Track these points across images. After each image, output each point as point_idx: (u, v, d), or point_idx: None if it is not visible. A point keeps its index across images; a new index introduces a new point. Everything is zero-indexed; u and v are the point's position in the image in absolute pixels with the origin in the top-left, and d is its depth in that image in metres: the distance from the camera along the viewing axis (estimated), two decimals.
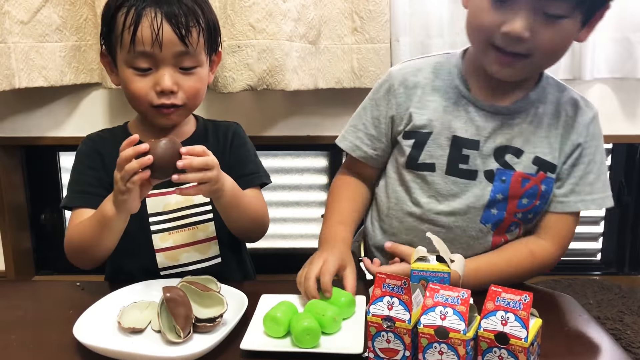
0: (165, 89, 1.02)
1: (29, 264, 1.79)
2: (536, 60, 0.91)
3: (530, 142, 0.98)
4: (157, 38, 1.00)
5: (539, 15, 0.86)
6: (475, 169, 0.99)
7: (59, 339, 0.85)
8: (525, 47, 0.88)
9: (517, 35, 0.86)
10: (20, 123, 1.59)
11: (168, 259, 1.11)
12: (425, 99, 1.02)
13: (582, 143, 0.98)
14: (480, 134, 0.98)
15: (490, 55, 0.92)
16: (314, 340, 0.81)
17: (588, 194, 0.99)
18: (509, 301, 0.71)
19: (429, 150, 1.00)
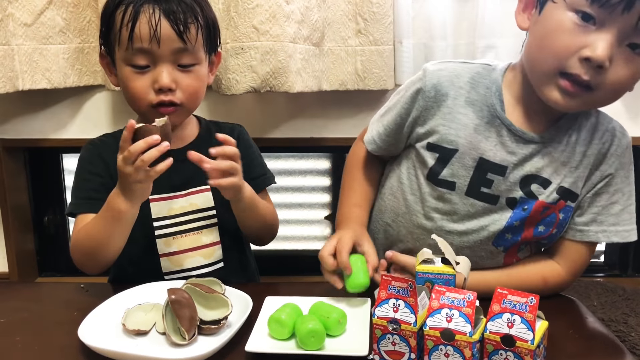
0: (164, 86, 1.02)
1: (32, 266, 1.79)
2: (599, 96, 0.85)
3: (559, 173, 0.94)
4: (155, 34, 1.00)
5: (623, 45, 0.80)
6: (498, 194, 0.95)
7: (64, 341, 0.85)
8: (599, 79, 0.82)
9: (599, 61, 0.79)
10: (23, 125, 1.59)
11: (172, 264, 1.10)
12: (456, 111, 0.95)
13: (612, 173, 0.94)
14: (509, 160, 0.93)
15: (555, 83, 0.85)
16: (319, 343, 0.80)
17: (612, 224, 0.95)
18: (515, 303, 0.71)
19: (451, 168, 0.95)
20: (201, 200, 1.13)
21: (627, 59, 0.81)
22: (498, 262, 1.00)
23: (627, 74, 0.82)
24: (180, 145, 1.13)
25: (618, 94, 0.87)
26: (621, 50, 0.80)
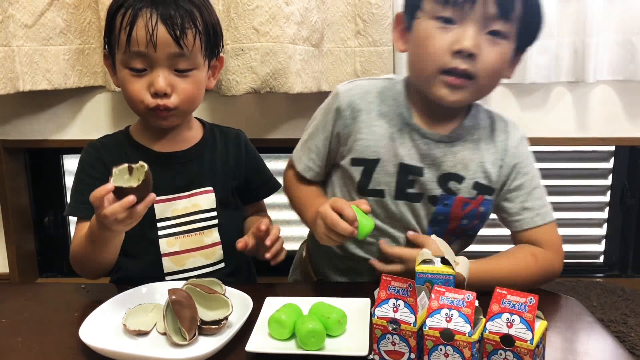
0: (159, 90, 1.03)
1: (32, 267, 1.79)
2: (480, 83, 0.95)
3: (469, 169, 1.03)
4: (152, 38, 1.00)
5: (484, 34, 0.92)
6: (421, 192, 1.03)
7: (65, 341, 0.85)
8: (475, 66, 0.92)
9: (468, 50, 0.90)
10: (24, 126, 1.59)
11: (174, 264, 1.11)
12: (371, 124, 1.03)
13: (517, 163, 1.04)
14: (424, 161, 1.02)
15: (439, 81, 0.95)
16: (319, 343, 0.81)
17: (541, 207, 1.04)
18: (514, 303, 0.71)
19: (377, 177, 1.03)
20: (204, 201, 1.13)
21: (492, 44, 0.92)
22: None
23: (495, 57, 0.93)
24: (183, 147, 1.14)
25: (495, 79, 0.98)
26: (485, 38, 0.92)
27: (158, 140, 1.13)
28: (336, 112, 1.06)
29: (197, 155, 1.15)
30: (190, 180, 1.13)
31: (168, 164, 1.12)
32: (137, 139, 1.14)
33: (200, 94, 1.11)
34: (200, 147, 1.15)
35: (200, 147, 1.15)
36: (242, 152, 1.21)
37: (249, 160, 1.22)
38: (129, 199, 0.85)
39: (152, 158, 1.11)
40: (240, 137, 1.23)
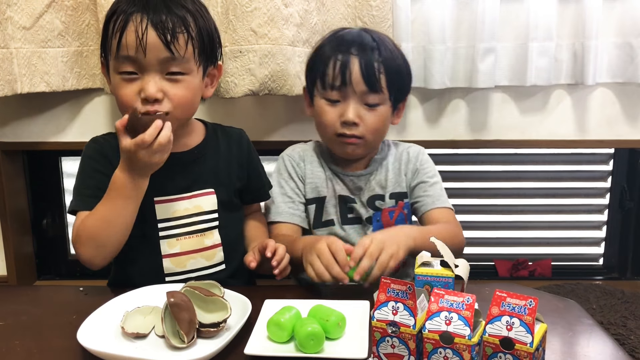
0: (149, 96, 1.01)
1: (30, 269, 1.79)
2: (368, 140, 1.20)
3: (386, 186, 1.27)
4: (141, 43, 1.00)
5: (362, 106, 1.17)
6: (360, 216, 1.26)
7: (63, 344, 0.85)
8: (359, 131, 1.17)
9: (351, 121, 1.16)
10: (22, 128, 1.59)
11: (175, 265, 1.11)
12: (315, 173, 1.27)
13: (417, 168, 1.28)
14: (353, 192, 1.27)
15: (338, 142, 1.21)
16: (318, 346, 0.80)
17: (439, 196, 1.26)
18: (514, 306, 0.71)
19: (326, 210, 1.26)
20: (205, 202, 1.13)
21: (370, 111, 1.18)
22: None
23: (375, 120, 1.19)
24: (185, 148, 1.14)
25: (381, 133, 1.23)
26: (363, 108, 1.18)
27: None
28: (292, 167, 1.28)
29: (198, 157, 1.15)
30: (191, 182, 1.13)
31: (169, 166, 1.11)
32: None
33: (194, 100, 1.09)
34: (201, 149, 1.15)
35: (202, 149, 1.15)
36: (245, 153, 1.21)
37: (251, 161, 1.22)
38: (157, 123, 0.97)
39: None
40: (243, 138, 1.23)
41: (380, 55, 1.17)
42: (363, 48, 1.17)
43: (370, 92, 1.16)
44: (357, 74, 1.15)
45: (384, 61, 1.16)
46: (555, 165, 1.81)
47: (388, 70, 1.17)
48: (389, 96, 1.18)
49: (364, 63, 1.15)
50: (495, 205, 1.85)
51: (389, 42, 1.22)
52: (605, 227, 1.85)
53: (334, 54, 1.17)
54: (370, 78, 1.15)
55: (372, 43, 1.18)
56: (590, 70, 1.48)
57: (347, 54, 1.16)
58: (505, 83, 1.56)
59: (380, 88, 1.16)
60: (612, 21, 1.52)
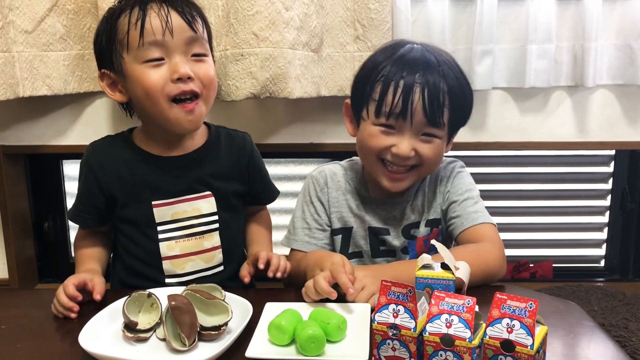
0: (183, 75, 1.03)
1: (32, 272, 1.79)
2: (424, 169, 1.10)
3: (421, 213, 1.17)
4: (168, 25, 1.02)
5: (419, 137, 1.06)
6: (394, 248, 1.17)
7: (64, 348, 0.85)
8: (414, 161, 1.07)
9: (406, 155, 1.05)
10: (24, 131, 1.59)
11: (174, 267, 1.11)
12: (341, 199, 1.19)
13: (450, 190, 1.16)
14: (387, 222, 1.16)
15: (380, 169, 1.10)
16: (319, 349, 0.80)
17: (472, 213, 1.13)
18: (514, 309, 0.71)
19: (354, 242, 1.18)
20: (204, 205, 1.14)
21: (426, 142, 1.07)
22: None
23: (431, 152, 1.07)
24: (185, 151, 1.14)
25: (436, 164, 1.13)
26: (419, 139, 1.06)
27: (160, 145, 1.13)
28: (317, 191, 1.19)
29: (198, 160, 1.15)
30: (190, 185, 1.13)
31: (166, 168, 1.12)
32: (138, 142, 1.14)
33: (216, 79, 1.12)
34: (201, 152, 1.15)
35: (202, 152, 1.15)
36: (247, 156, 1.21)
37: (254, 165, 1.22)
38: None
39: (151, 161, 1.12)
40: (247, 141, 1.23)
41: (447, 84, 1.05)
42: (429, 74, 1.03)
43: (430, 126, 1.05)
44: (419, 106, 1.03)
45: (451, 93, 1.05)
46: (556, 167, 1.81)
47: (453, 104, 1.06)
48: (448, 130, 1.09)
49: (428, 94, 1.03)
50: (496, 207, 1.85)
51: (455, 67, 1.09)
52: (607, 229, 1.84)
53: (395, 78, 1.04)
54: (434, 112, 1.03)
55: (439, 68, 1.05)
56: (590, 72, 1.49)
57: (412, 81, 1.03)
58: (504, 85, 1.56)
59: (442, 123, 1.05)
60: (612, 23, 1.53)
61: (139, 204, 1.11)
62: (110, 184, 1.11)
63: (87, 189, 1.12)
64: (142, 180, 1.11)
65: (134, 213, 1.11)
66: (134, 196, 1.11)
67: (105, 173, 1.11)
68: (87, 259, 1.13)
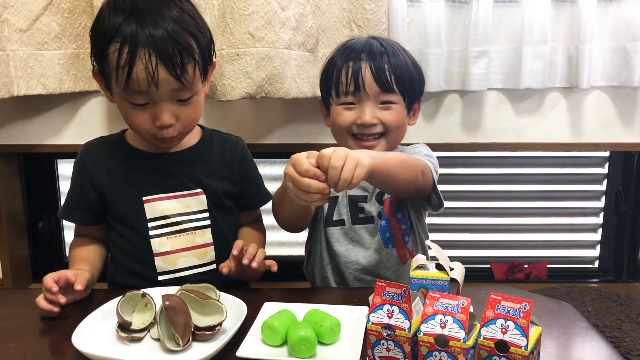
0: (164, 124, 1.04)
1: (26, 272, 1.78)
2: (391, 136, 1.22)
3: None
4: (153, 80, 0.99)
5: (378, 107, 1.20)
6: (371, 215, 1.24)
7: (58, 348, 0.85)
8: (380, 128, 1.20)
9: (370, 123, 1.19)
10: (18, 131, 1.59)
11: (166, 263, 1.12)
12: None
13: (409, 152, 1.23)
14: (366, 190, 1.25)
15: (352, 144, 1.22)
16: (310, 350, 0.80)
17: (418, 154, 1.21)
18: (508, 309, 0.71)
19: (338, 210, 1.25)
20: (194, 202, 1.15)
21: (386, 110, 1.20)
22: (395, 257, 1.22)
23: (393, 117, 1.21)
24: (178, 148, 1.15)
25: (401, 129, 1.25)
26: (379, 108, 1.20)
27: (152, 144, 1.13)
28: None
29: (189, 157, 1.16)
30: (179, 182, 1.14)
31: (157, 164, 1.13)
32: (131, 141, 1.16)
33: (200, 112, 1.12)
34: (193, 151, 1.16)
35: (194, 151, 1.16)
36: (239, 159, 1.22)
37: (246, 168, 1.23)
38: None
39: (140, 157, 1.13)
40: (239, 144, 1.24)
41: (389, 58, 1.21)
42: (372, 53, 1.21)
43: (383, 93, 1.19)
44: (369, 77, 1.19)
45: (393, 64, 1.20)
46: (550, 168, 1.81)
47: (397, 72, 1.21)
48: (402, 96, 1.22)
49: (374, 67, 1.19)
50: (491, 207, 1.85)
51: (398, 48, 1.26)
52: (601, 230, 1.85)
53: (345, 63, 1.21)
54: (382, 79, 1.19)
55: (381, 49, 1.22)
56: (585, 73, 1.49)
57: (359, 61, 1.20)
58: (499, 86, 1.56)
59: (392, 88, 1.20)
60: (606, 25, 1.53)
61: (130, 200, 1.12)
62: (101, 181, 1.12)
63: (79, 186, 1.14)
64: (133, 176, 1.12)
65: (125, 209, 1.13)
66: (125, 192, 1.12)
67: (97, 170, 1.13)
68: (78, 261, 1.13)
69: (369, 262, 1.20)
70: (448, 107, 1.60)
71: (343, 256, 1.21)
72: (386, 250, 1.21)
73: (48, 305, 0.95)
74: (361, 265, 1.20)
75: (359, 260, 1.20)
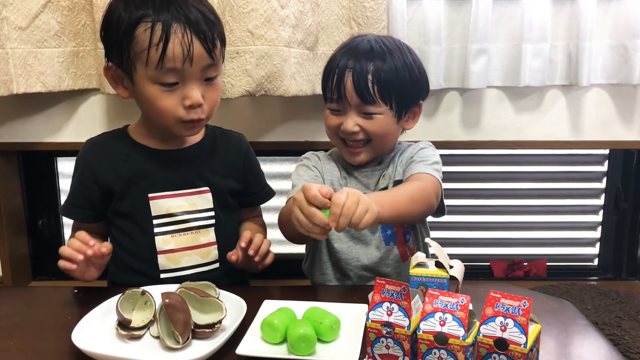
0: (195, 103, 1.04)
1: (26, 270, 1.78)
2: (375, 143, 1.20)
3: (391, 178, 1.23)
4: (189, 54, 1.01)
5: (361, 115, 1.17)
6: None
7: (58, 345, 0.85)
8: (362, 136, 1.19)
9: (350, 131, 1.17)
10: (18, 129, 1.59)
11: (169, 262, 1.12)
12: (331, 171, 1.27)
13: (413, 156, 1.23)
14: (367, 188, 1.25)
15: (341, 146, 1.24)
16: (309, 348, 0.80)
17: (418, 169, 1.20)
18: (508, 307, 0.71)
19: None
20: (200, 201, 1.14)
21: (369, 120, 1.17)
22: (396, 255, 1.21)
23: (376, 128, 1.18)
24: (184, 145, 1.16)
25: (386, 138, 1.22)
26: (361, 117, 1.18)
27: (157, 139, 1.14)
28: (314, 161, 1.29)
29: (194, 155, 1.16)
30: (186, 179, 1.14)
31: (164, 161, 1.13)
32: (135, 137, 1.15)
33: (220, 96, 1.13)
34: (198, 148, 1.16)
35: (199, 148, 1.16)
36: (243, 156, 1.23)
37: (249, 165, 1.24)
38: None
39: (147, 153, 1.12)
40: (242, 141, 1.25)
41: (375, 66, 1.15)
42: (358, 60, 1.16)
43: (365, 104, 1.16)
44: (350, 87, 1.15)
45: (377, 72, 1.15)
46: (550, 166, 1.81)
47: (382, 81, 1.15)
48: (388, 106, 1.17)
49: (356, 76, 1.15)
50: (490, 205, 1.85)
51: (396, 50, 1.19)
52: (600, 228, 1.85)
53: (334, 68, 1.18)
54: (362, 91, 1.15)
55: (371, 54, 1.16)
56: (585, 71, 1.49)
57: (343, 68, 1.16)
58: (499, 84, 1.56)
59: (373, 99, 1.16)
60: (606, 23, 1.53)
61: (136, 197, 1.11)
62: (107, 177, 1.11)
63: (83, 184, 1.12)
64: (139, 173, 1.11)
65: (130, 206, 1.12)
66: (131, 188, 1.11)
67: (102, 167, 1.12)
68: None
69: (369, 259, 1.20)
70: (448, 104, 1.60)
71: (344, 253, 1.21)
72: (387, 248, 1.20)
73: (73, 252, 0.96)
74: (362, 262, 1.20)
75: (359, 257, 1.20)
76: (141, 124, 1.16)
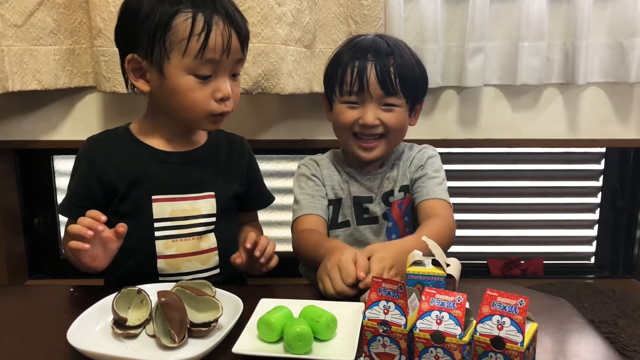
0: (226, 96, 1.06)
1: (22, 268, 1.78)
2: (391, 137, 1.25)
3: (396, 181, 1.29)
4: (229, 45, 1.03)
5: (381, 107, 1.21)
6: (376, 215, 1.29)
7: (53, 344, 0.84)
8: (380, 130, 1.22)
9: (371, 124, 1.21)
10: (13, 127, 1.58)
11: (169, 267, 1.10)
12: (332, 174, 1.31)
13: (423, 164, 1.29)
14: (369, 192, 1.30)
15: (353, 142, 1.25)
16: (306, 347, 0.80)
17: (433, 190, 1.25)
18: (504, 305, 0.71)
19: (342, 211, 1.30)
20: (204, 205, 1.13)
21: (388, 112, 1.21)
22: None
23: (394, 120, 1.22)
24: (188, 148, 1.14)
25: (401, 133, 1.27)
26: (382, 110, 1.21)
27: (162, 139, 1.13)
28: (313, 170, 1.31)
29: (199, 158, 1.15)
30: (190, 183, 1.12)
31: (170, 163, 1.11)
32: (140, 136, 1.13)
33: None
34: (203, 151, 1.16)
35: (204, 151, 1.16)
36: (246, 160, 1.23)
37: (251, 169, 1.24)
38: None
39: (152, 154, 1.11)
40: (245, 145, 1.25)
41: (394, 60, 1.21)
42: (378, 54, 1.20)
43: (387, 96, 1.20)
44: (373, 79, 1.19)
45: (398, 66, 1.20)
46: (547, 164, 1.82)
47: (402, 75, 1.20)
48: (405, 99, 1.22)
49: (379, 68, 1.19)
50: (487, 204, 1.86)
51: (404, 48, 1.26)
52: (597, 226, 1.85)
53: (351, 61, 1.21)
54: (386, 82, 1.19)
55: (387, 49, 1.22)
56: (582, 69, 1.49)
57: (364, 61, 1.20)
58: (496, 82, 1.57)
59: (396, 91, 1.20)
60: (603, 21, 1.53)
61: (139, 198, 1.09)
62: (111, 176, 1.09)
63: (85, 181, 1.10)
64: (144, 173, 1.10)
65: (132, 207, 1.09)
66: (135, 189, 1.09)
67: (107, 165, 1.10)
68: None
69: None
70: (445, 103, 1.60)
71: None
72: None
73: (83, 228, 0.91)
74: None
75: None
76: (146, 122, 1.14)
